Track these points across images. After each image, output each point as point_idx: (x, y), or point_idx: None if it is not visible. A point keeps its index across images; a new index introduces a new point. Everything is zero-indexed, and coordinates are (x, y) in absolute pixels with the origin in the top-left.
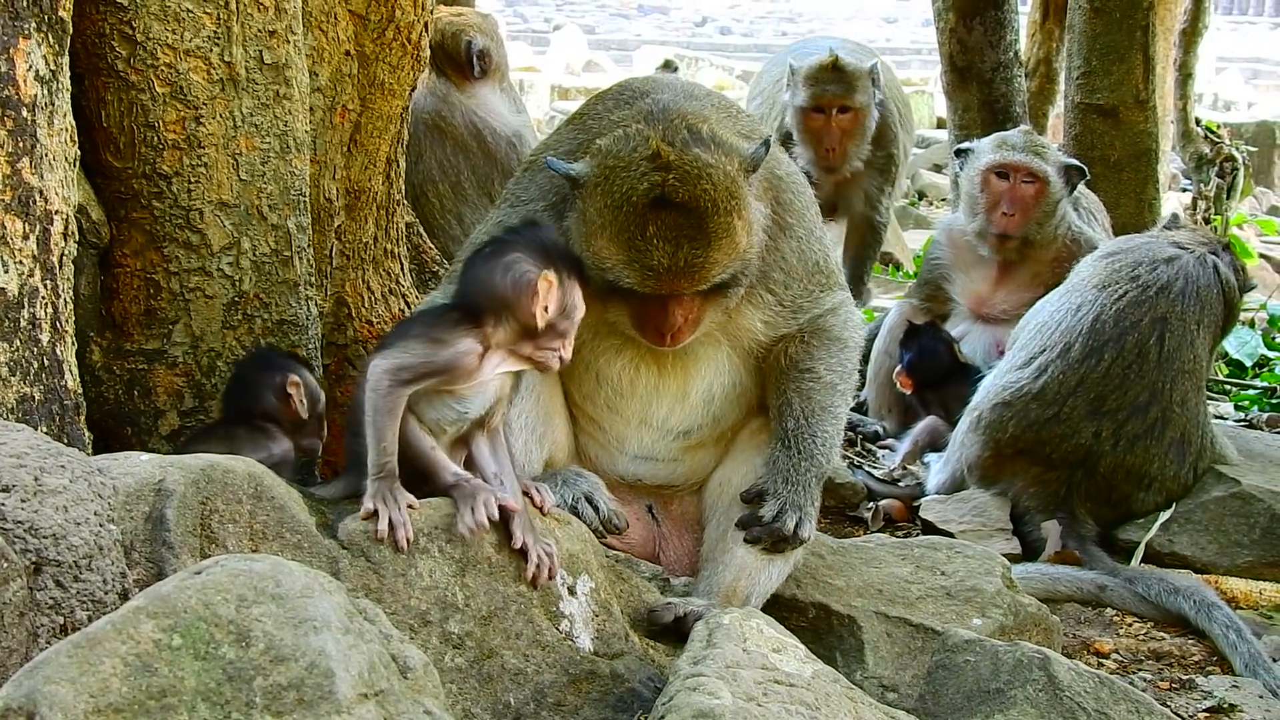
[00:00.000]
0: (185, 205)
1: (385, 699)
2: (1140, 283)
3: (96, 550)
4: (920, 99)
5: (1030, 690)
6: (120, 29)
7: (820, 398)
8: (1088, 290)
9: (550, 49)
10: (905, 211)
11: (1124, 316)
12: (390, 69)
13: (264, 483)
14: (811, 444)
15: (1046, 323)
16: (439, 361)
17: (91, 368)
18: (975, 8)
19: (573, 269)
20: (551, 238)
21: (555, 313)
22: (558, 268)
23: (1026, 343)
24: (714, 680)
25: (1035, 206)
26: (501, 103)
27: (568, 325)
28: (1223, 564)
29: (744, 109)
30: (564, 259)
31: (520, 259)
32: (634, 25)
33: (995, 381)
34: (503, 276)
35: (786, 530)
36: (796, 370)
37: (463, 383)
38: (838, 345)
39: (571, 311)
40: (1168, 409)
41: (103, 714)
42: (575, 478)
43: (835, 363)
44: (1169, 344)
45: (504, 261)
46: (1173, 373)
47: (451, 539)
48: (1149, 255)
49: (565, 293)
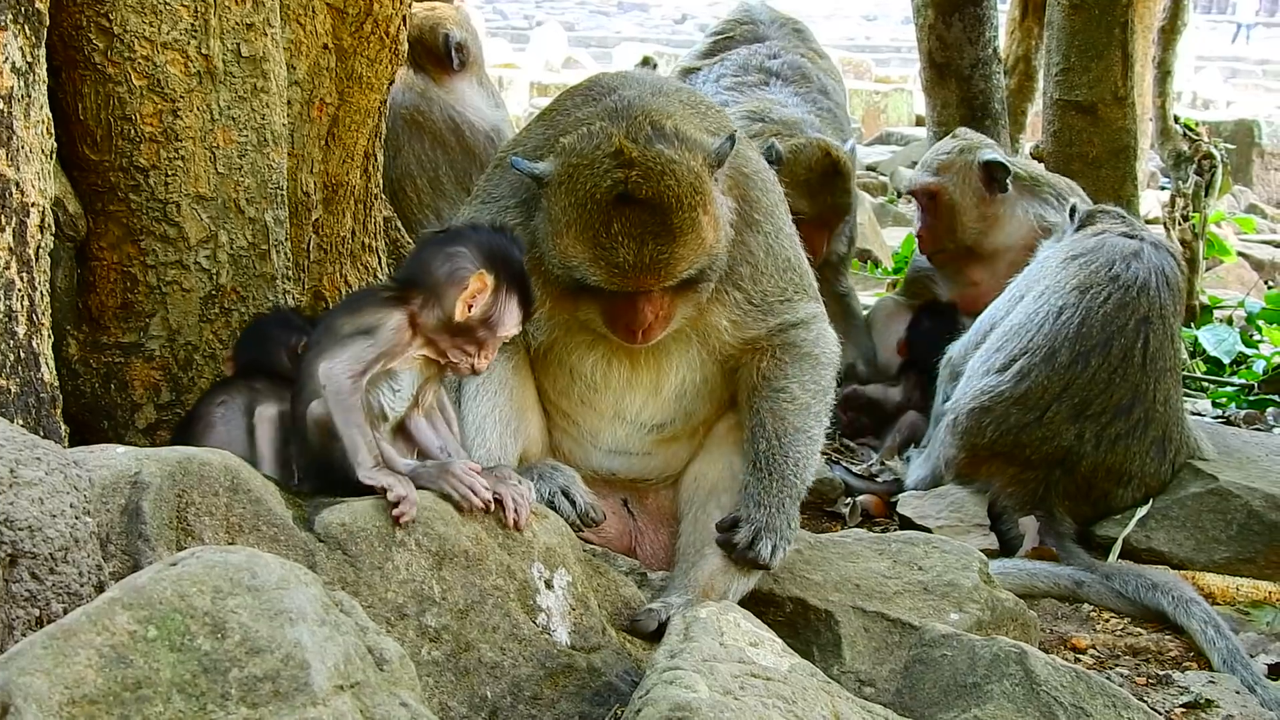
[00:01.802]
0: (162, 198)
1: (361, 691)
2: (1121, 283)
3: (72, 542)
4: (900, 96)
5: (1007, 685)
6: (97, 21)
7: (793, 419)
8: (1068, 293)
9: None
10: (884, 209)
11: (1110, 321)
12: (368, 63)
13: (240, 475)
14: (784, 466)
15: (1025, 324)
16: (381, 346)
17: (68, 361)
18: (954, 5)
19: (515, 286)
20: (507, 248)
21: (479, 317)
22: (499, 276)
23: (1003, 345)
24: (691, 674)
25: (938, 221)
26: (479, 97)
27: (488, 336)
28: (1200, 560)
29: (714, 104)
30: (510, 272)
31: (464, 253)
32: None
33: (972, 384)
34: (442, 263)
35: (761, 558)
36: (770, 389)
37: (400, 358)
38: (810, 362)
39: (496, 325)
40: (1150, 409)
41: (78, 705)
42: (551, 471)
43: (809, 380)
44: (1152, 344)
45: (448, 250)
46: (1156, 373)
47: (429, 532)
48: (1118, 251)
49: (496, 303)
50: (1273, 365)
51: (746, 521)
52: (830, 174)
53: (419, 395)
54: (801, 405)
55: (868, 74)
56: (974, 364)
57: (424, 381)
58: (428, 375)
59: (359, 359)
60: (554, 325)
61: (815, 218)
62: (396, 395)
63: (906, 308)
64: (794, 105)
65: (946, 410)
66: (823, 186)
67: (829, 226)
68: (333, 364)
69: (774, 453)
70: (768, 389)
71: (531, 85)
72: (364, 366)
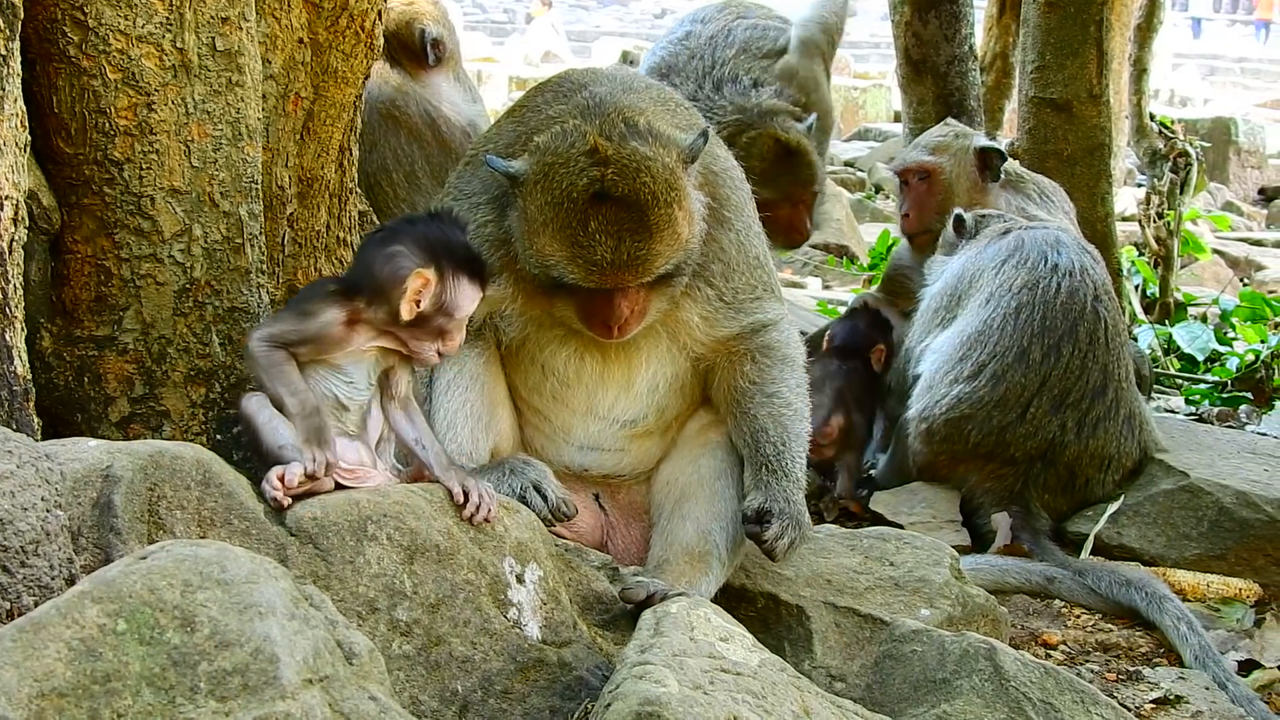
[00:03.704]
0: (137, 192)
1: (330, 685)
2: (1062, 270)
3: (43, 536)
4: (878, 92)
5: (976, 680)
6: (72, 14)
7: (791, 424)
8: (1018, 293)
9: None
10: (861, 205)
11: (1069, 308)
12: (344, 57)
13: (212, 469)
14: (794, 467)
15: (982, 331)
16: (308, 330)
17: (41, 354)
18: (931, 2)
19: (462, 268)
20: (444, 234)
21: (431, 309)
22: (441, 266)
23: (965, 353)
24: (661, 669)
25: (930, 200)
26: (456, 91)
27: (446, 323)
28: (1170, 556)
29: (684, 100)
30: (453, 258)
31: (402, 252)
32: (593, 17)
33: (939, 393)
34: (382, 265)
35: (780, 550)
36: (763, 394)
37: (334, 351)
38: (790, 366)
39: (453, 310)
40: (1119, 387)
41: (47, 698)
42: (523, 466)
43: (794, 383)
44: (1108, 320)
45: (386, 251)
46: (1117, 348)
47: (400, 526)
48: (1042, 242)
49: (446, 291)
50: (1246, 363)
51: (778, 517)
52: (783, 156)
53: (394, 384)
54: (796, 410)
55: (846, 69)
56: (934, 373)
57: (388, 368)
58: (388, 364)
59: (276, 333)
60: (526, 322)
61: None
62: (351, 385)
63: (885, 304)
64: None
65: (912, 420)
66: (779, 170)
67: (803, 202)
68: (255, 334)
69: (783, 455)
70: (760, 394)
71: (510, 79)
72: (283, 341)
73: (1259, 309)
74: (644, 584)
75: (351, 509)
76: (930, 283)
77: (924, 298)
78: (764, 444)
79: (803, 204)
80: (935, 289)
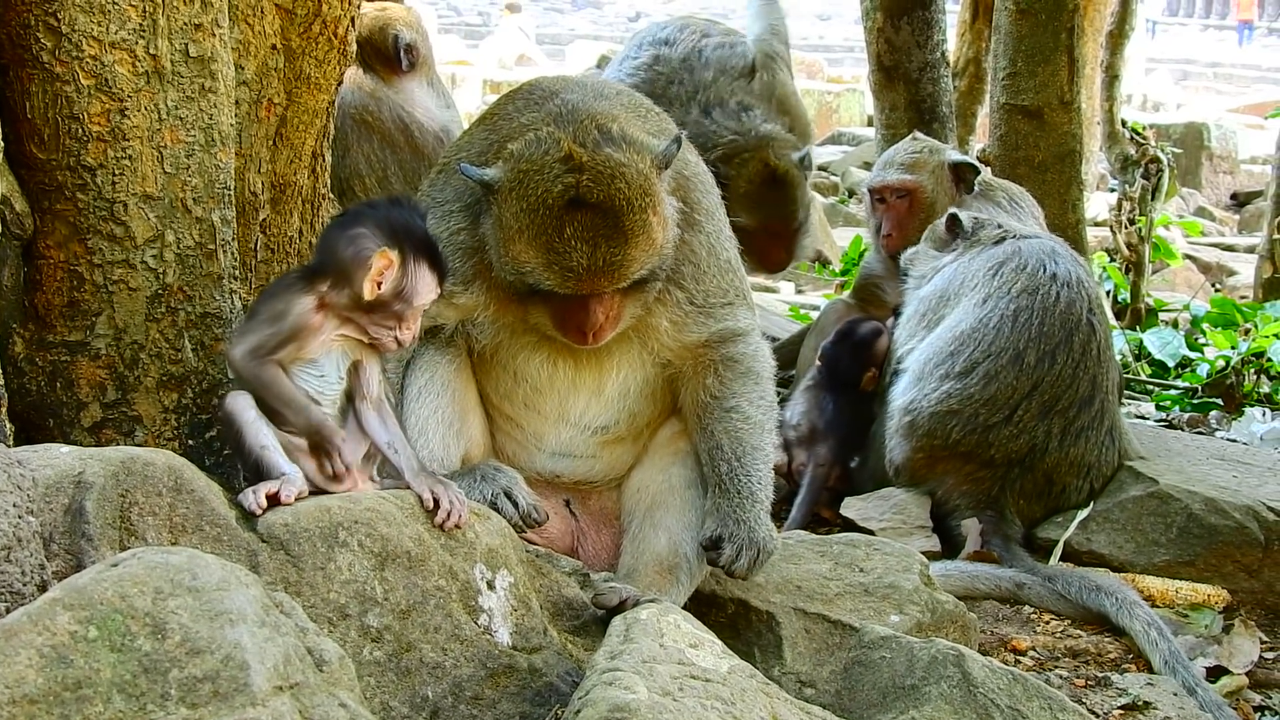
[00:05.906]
0: (109, 197)
1: (300, 691)
2: (1060, 280)
3: (15, 542)
4: (852, 97)
5: (945, 686)
6: (45, 20)
7: (749, 437)
8: (1017, 297)
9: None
10: (834, 209)
11: (1067, 318)
12: (316, 63)
13: (184, 475)
14: (750, 484)
15: (977, 330)
16: (284, 330)
17: (14, 359)
18: (903, 8)
19: (422, 254)
20: (406, 218)
21: (391, 293)
22: (403, 249)
23: (957, 349)
24: (630, 675)
25: (912, 220)
26: (429, 97)
27: (404, 309)
28: (1140, 562)
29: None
30: (415, 243)
31: (365, 234)
32: (568, 20)
33: (928, 387)
34: (345, 247)
35: (740, 571)
36: (721, 409)
37: (312, 343)
38: (753, 379)
39: (411, 296)
40: (1105, 399)
41: (18, 705)
42: (494, 473)
43: (757, 397)
44: (1100, 333)
45: (349, 234)
46: (1107, 362)
47: (371, 533)
48: (1040, 252)
49: (406, 275)
50: (1216, 369)
51: (729, 540)
52: (770, 181)
53: (366, 383)
54: (756, 424)
55: (820, 74)
56: (923, 366)
57: (356, 361)
58: (356, 357)
59: (260, 344)
60: (499, 329)
61: (763, 228)
62: (322, 379)
63: (857, 310)
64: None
65: (897, 412)
66: (765, 195)
67: (780, 235)
68: (236, 349)
69: (736, 473)
70: (719, 409)
71: (484, 83)
72: (267, 350)
73: (1230, 315)
74: (616, 589)
75: (323, 515)
76: (919, 285)
77: (912, 301)
78: (719, 462)
79: (780, 236)
80: (925, 292)
